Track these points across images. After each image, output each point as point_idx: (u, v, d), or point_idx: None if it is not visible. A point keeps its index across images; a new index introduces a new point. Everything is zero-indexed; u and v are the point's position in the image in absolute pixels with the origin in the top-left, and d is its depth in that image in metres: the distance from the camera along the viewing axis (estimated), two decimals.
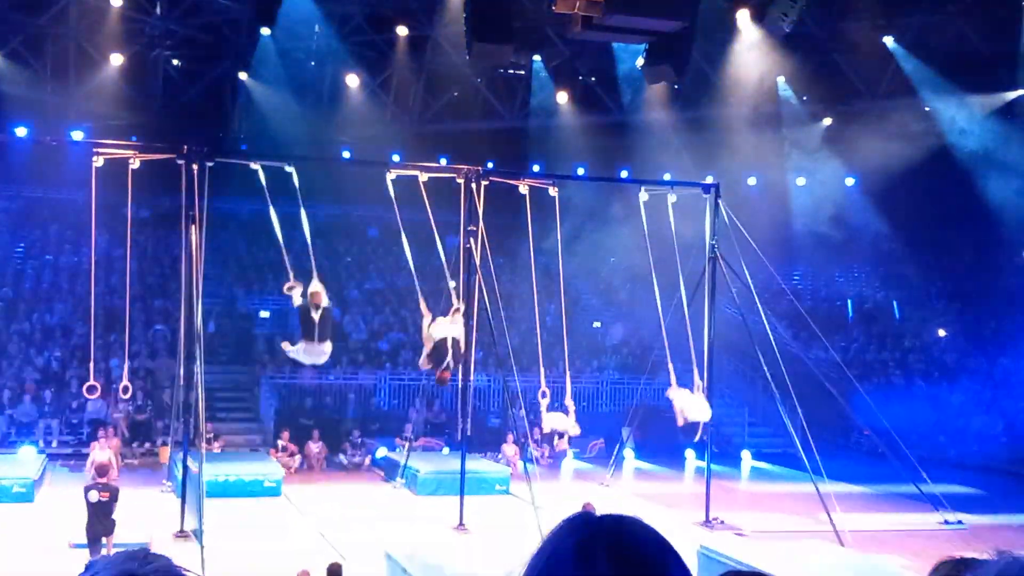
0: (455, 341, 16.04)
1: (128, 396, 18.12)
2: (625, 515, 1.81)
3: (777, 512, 19.84)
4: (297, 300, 16.19)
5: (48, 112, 28.27)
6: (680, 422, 17.80)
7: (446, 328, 16.06)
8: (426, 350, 16.20)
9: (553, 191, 17.98)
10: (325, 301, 16.06)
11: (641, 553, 1.71)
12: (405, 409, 26.25)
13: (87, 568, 2.01)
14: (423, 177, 17.51)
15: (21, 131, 27.52)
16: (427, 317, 16.30)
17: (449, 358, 15.95)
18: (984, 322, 32.11)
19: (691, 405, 17.66)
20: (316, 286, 15.98)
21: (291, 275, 16.43)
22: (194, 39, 29.08)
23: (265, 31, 27.88)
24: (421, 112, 31.58)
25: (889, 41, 27.76)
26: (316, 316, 15.75)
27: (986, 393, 27.63)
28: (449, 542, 16.42)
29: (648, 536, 1.76)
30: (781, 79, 29.39)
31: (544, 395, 17.48)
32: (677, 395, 17.76)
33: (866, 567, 13.95)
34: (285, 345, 17.00)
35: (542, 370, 17.48)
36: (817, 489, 17.07)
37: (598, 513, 1.78)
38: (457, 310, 16.46)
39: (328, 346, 16.02)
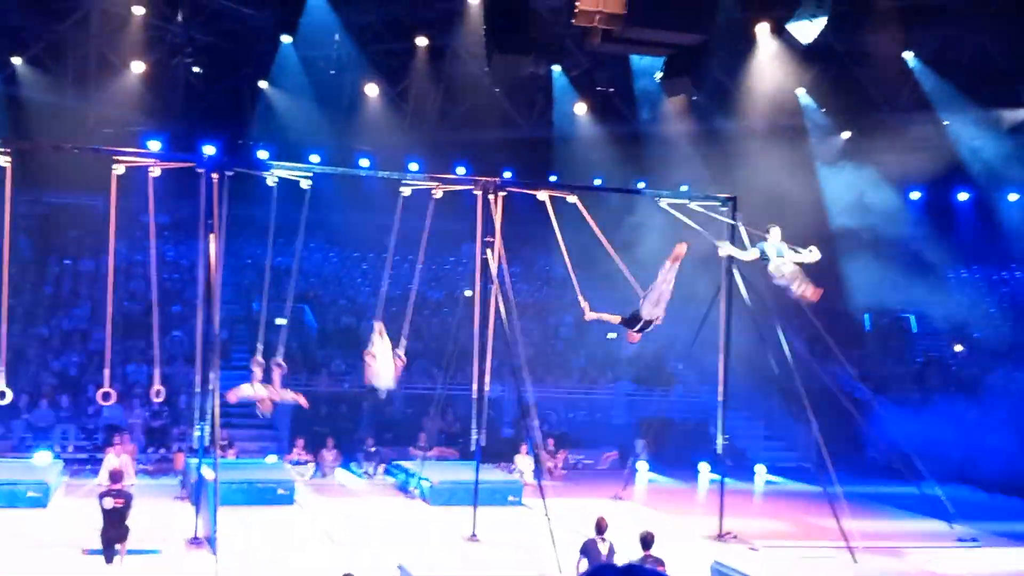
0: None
1: (162, 399, 17.99)
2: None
3: (791, 527, 19.78)
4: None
5: (68, 119, 28.41)
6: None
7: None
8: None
9: (572, 199, 17.96)
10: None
11: None
12: (419, 418, 26.27)
13: None
14: (438, 194, 17.56)
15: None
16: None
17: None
18: (1002, 337, 31.95)
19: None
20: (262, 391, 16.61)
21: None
22: (215, 47, 29.19)
23: (286, 39, 28.02)
24: (439, 121, 31.65)
25: (909, 56, 27.70)
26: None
27: (1003, 409, 27.46)
28: (462, 553, 16.42)
29: None
30: (800, 92, 29.33)
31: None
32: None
33: None
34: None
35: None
36: (831, 504, 16.99)
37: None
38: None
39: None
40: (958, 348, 32.01)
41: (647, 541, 12.27)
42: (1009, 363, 29.69)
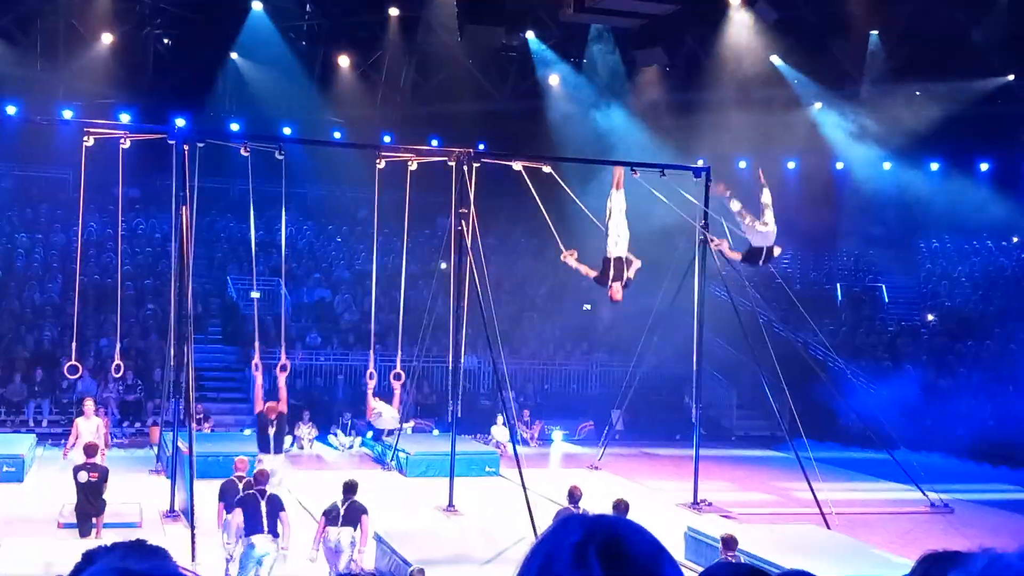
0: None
1: (120, 375, 18.01)
2: (620, 518, 1.84)
3: (764, 495, 19.95)
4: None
5: (38, 90, 28.13)
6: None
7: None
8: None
9: (547, 169, 17.88)
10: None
11: (635, 557, 1.74)
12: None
13: (84, 559, 2.04)
14: (413, 165, 17.47)
15: (11, 109, 27.42)
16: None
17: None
18: (972, 305, 32.25)
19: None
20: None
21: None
22: (184, 18, 28.93)
23: (257, 6, 27.76)
24: (413, 93, 31.51)
25: (875, 32, 27.85)
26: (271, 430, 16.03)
27: (974, 376, 27.75)
28: (439, 523, 16.48)
29: (642, 539, 1.79)
30: (772, 62, 29.36)
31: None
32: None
33: (852, 550, 14.05)
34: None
35: None
36: (804, 472, 17.15)
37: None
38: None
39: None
40: (929, 317, 32.29)
41: (621, 508, 12.35)
42: (979, 332, 29.98)
